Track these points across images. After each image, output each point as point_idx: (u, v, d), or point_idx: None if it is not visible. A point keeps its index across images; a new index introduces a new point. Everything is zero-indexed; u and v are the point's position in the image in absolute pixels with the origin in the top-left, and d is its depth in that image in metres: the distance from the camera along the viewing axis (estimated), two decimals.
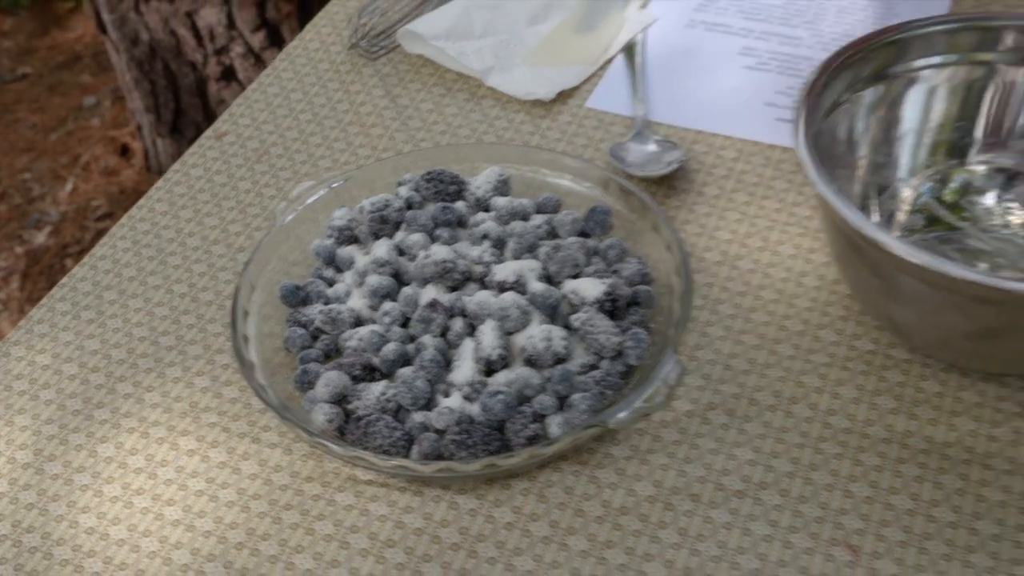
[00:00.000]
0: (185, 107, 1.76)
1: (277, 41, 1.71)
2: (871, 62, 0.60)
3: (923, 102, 0.62)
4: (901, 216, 0.64)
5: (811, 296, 0.64)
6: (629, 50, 0.82)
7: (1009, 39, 0.60)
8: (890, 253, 0.52)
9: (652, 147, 0.73)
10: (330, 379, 0.58)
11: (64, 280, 0.69)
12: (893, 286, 0.56)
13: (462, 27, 0.83)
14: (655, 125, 0.76)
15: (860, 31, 0.80)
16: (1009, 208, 0.64)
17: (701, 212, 0.70)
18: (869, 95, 0.61)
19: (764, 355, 0.62)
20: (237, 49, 1.72)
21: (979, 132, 0.63)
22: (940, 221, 0.65)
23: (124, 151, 1.97)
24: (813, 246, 0.67)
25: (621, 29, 0.83)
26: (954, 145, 0.64)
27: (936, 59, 0.61)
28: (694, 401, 0.60)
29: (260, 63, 1.70)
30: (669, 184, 0.72)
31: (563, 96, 0.79)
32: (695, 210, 0.70)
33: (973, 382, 0.59)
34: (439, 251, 0.62)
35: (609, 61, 0.81)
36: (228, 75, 1.73)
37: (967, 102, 0.62)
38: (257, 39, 1.70)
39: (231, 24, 1.70)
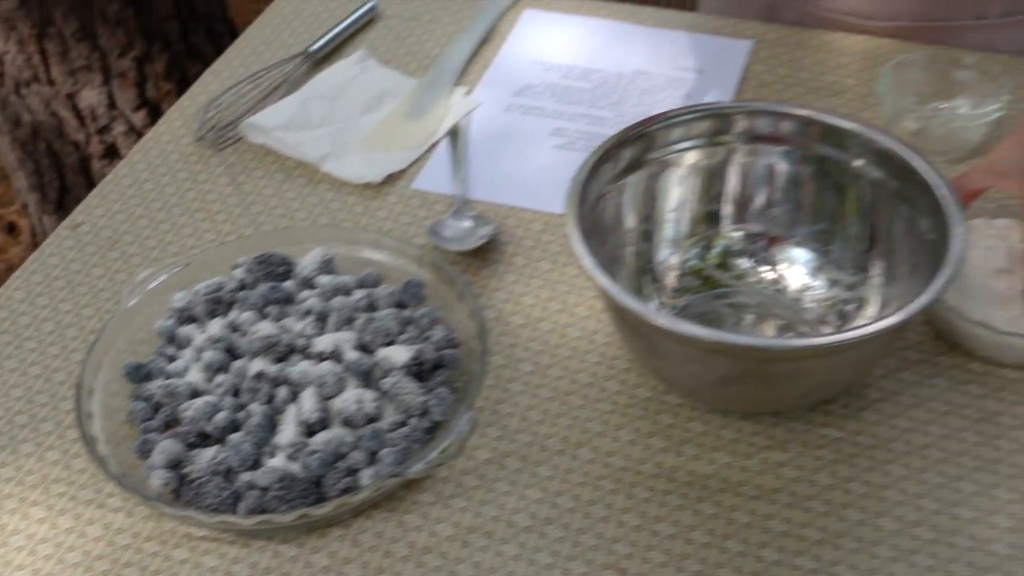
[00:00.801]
0: (70, 185, 1.81)
1: (158, 119, 1.77)
2: (629, 152, 0.69)
3: (677, 182, 0.72)
4: (672, 280, 0.73)
5: (600, 351, 0.73)
6: (454, 134, 0.91)
7: (740, 124, 0.71)
8: (640, 317, 0.61)
9: (467, 223, 0.82)
10: (165, 447, 0.65)
11: None
12: (652, 343, 0.65)
13: (301, 118, 0.91)
14: (473, 202, 0.85)
15: (659, 110, 0.90)
16: (761, 268, 0.74)
17: (509, 280, 0.79)
18: (632, 180, 0.70)
19: (556, 406, 0.70)
20: (119, 128, 1.78)
21: (729, 204, 0.73)
22: (712, 281, 0.75)
23: (11, 229, 2.01)
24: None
25: (447, 114, 0.93)
26: (711, 216, 0.74)
27: (682, 145, 0.71)
28: (493, 450, 0.68)
29: None
30: (483, 256, 0.80)
31: (392, 178, 0.87)
32: (504, 279, 0.79)
33: (732, 421, 0.69)
34: (265, 327, 0.69)
35: (435, 144, 0.90)
36: (111, 153, 1.78)
37: (714, 179, 0.72)
38: (139, 117, 1.77)
39: (112, 104, 1.76)
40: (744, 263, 0.74)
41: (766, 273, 0.74)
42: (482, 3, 1.04)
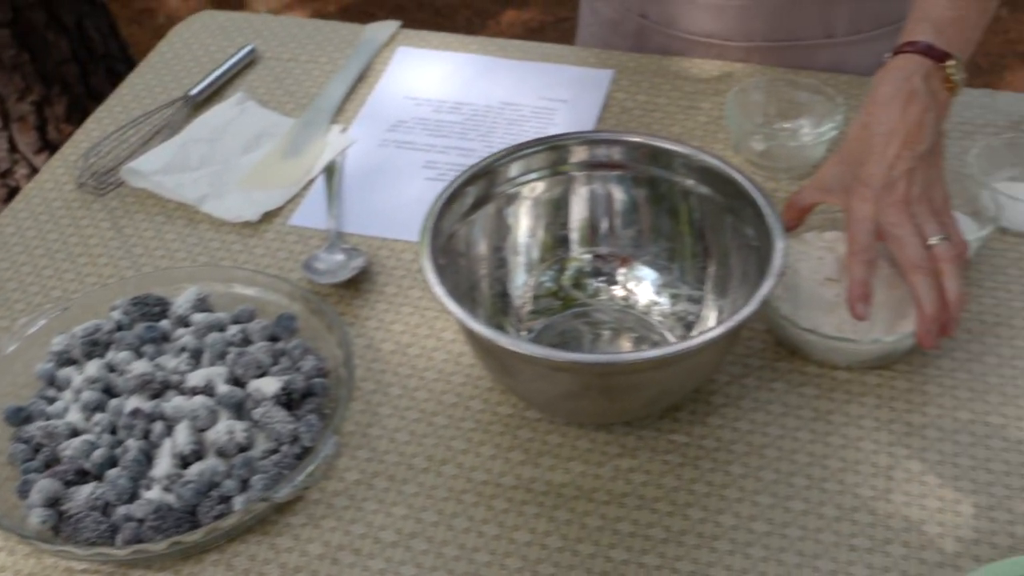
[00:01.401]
0: None
1: None
2: (474, 190, 0.74)
3: (525, 213, 0.77)
4: (529, 303, 0.78)
5: (465, 372, 0.78)
6: (329, 170, 0.94)
7: (576, 153, 0.76)
8: (488, 339, 0.65)
9: (340, 256, 0.86)
10: (42, 486, 0.68)
11: None
12: (503, 363, 0.69)
13: (179, 161, 0.94)
14: (347, 236, 0.89)
15: (525, 139, 0.95)
16: (613, 287, 0.79)
17: (380, 308, 0.83)
18: (481, 214, 0.75)
19: (423, 426, 0.74)
20: (21, 171, 1.79)
21: (576, 229, 0.78)
22: (569, 300, 0.80)
23: None
24: None
25: (323, 152, 0.96)
26: (561, 241, 0.79)
27: (525, 178, 0.76)
28: (362, 471, 0.72)
29: None
30: (356, 286, 0.84)
31: (269, 216, 0.91)
32: (376, 307, 0.83)
33: (587, 432, 0.73)
34: (139, 366, 0.73)
35: (312, 181, 0.94)
36: (15, 196, 1.79)
37: (559, 207, 0.77)
38: (40, 160, 1.78)
39: (13, 148, 1.77)
40: (596, 283, 0.79)
41: (617, 291, 0.79)
42: (357, 43, 1.09)
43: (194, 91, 1.02)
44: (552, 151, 0.75)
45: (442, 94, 1.03)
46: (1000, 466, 0.70)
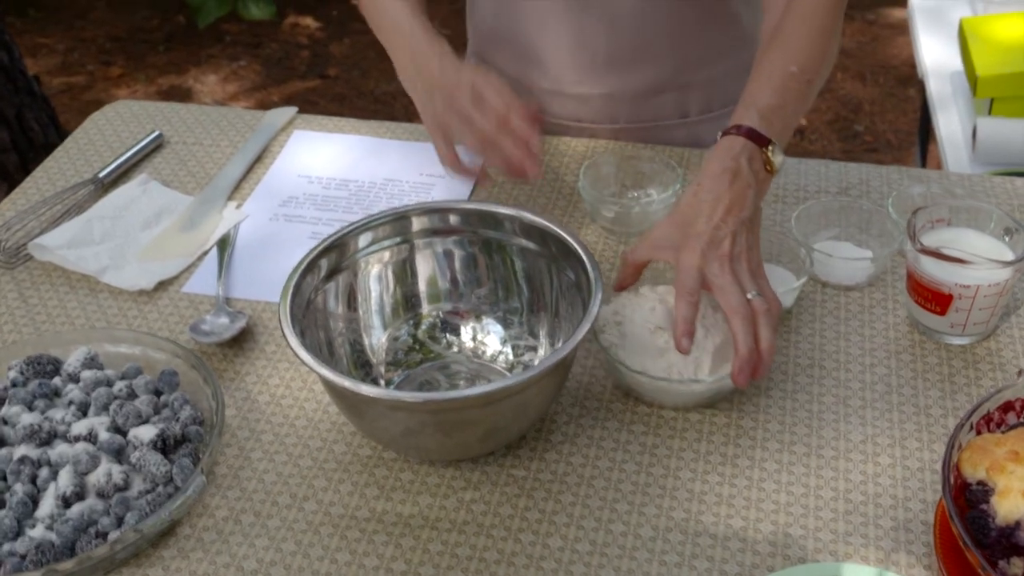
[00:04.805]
0: None
1: None
2: (326, 261, 0.83)
3: (375, 278, 0.86)
4: (388, 356, 0.87)
5: (332, 420, 0.86)
6: (222, 242, 1.03)
7: (417, 223, 0.86)
8: (333, 383, 0.74)
9: (224, 319, 0.94)
10: None
11: None
12: (352, 406, 0.77)
13: (83, 236, 1.03)
14: (235, 300, 0.97)
15: None
16: (464, 339, 0.88)
17: (260, 365, 0.91)
18: (338, 279, 0.84)
19: (289, 468, 0.82)
20: None
21: (423, 289, 0.88)
22: (426, 350, 0.88)
23: None
24: None
25: (218, 226, 1.05)
26: (412, 300, 0.88)
27: (372, 248, 0.85)
28: (231, 509, 0.79)
29: None
30: (240, 345, 0.93)
31: (164, 285, 0.99)
32: (256, 364, 0.91)
33: (437, 468, 0.81)
34: (28, 417, 0.80)
35: (206, 253, 1.03)
36: None
37: (406, 271, 0.87)
38: None
39: None
40: (449, 337, 0.88)
41: (468, 344, 0.88)
42: (257, 126, 1.18)
43: (102, 173, 1.11)
44: (394, 222, 0.85)
45: (331, 172, 1.13)
46: (799, 489, 0.79)
